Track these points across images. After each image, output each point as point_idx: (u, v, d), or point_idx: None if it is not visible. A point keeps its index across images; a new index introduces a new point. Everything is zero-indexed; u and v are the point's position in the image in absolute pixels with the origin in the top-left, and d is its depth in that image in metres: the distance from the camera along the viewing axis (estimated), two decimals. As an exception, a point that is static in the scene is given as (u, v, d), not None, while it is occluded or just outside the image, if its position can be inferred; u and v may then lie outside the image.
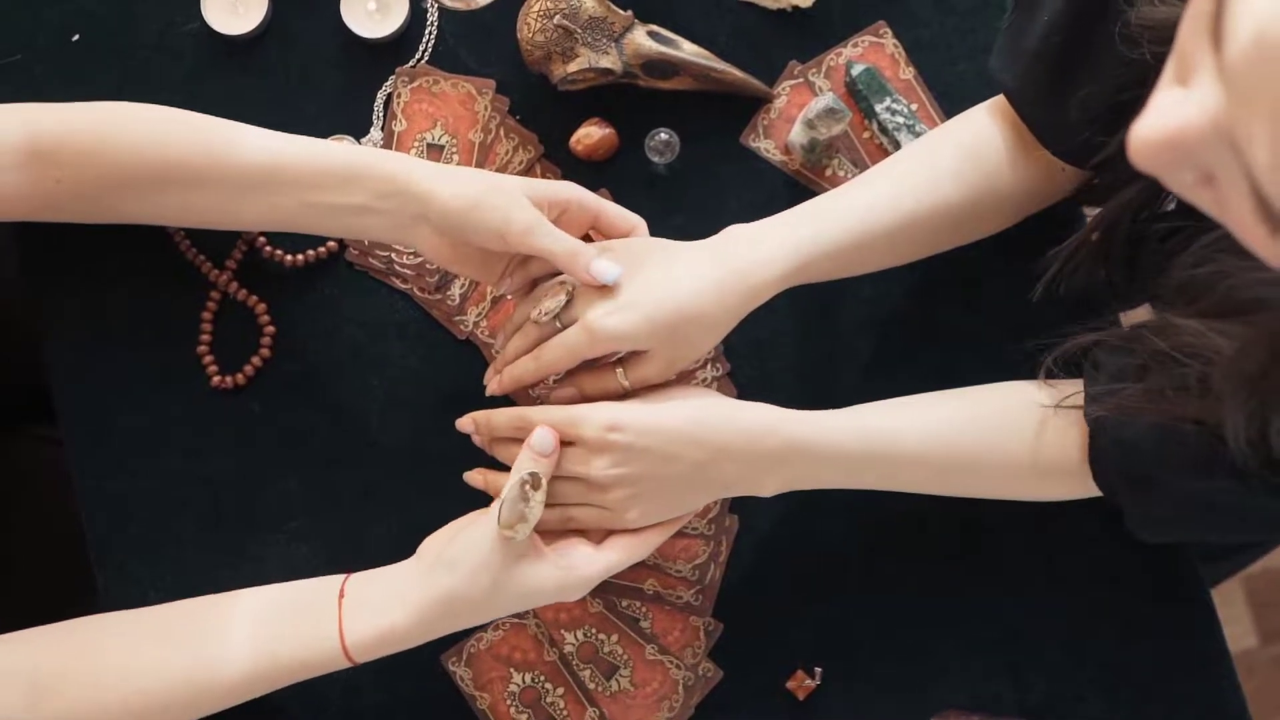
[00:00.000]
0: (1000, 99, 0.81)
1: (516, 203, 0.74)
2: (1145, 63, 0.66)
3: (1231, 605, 1.57)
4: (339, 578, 0.75)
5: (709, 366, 0.88)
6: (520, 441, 0.75)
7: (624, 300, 0.74)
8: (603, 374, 0.77)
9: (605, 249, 0.77)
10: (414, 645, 0.73)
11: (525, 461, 0.73)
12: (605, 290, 0.75)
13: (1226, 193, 0.42)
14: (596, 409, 0.74)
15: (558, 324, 0.76)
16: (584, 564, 0.74)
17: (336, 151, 0.75)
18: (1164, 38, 0.45)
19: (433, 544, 0.75)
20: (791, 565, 0.87)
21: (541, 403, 0.82)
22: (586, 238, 0.80)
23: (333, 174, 0.74)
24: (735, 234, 0.78)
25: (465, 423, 0.79)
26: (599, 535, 0.76)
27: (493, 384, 0.80)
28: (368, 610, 0.73)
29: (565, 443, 0.74)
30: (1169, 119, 0.41)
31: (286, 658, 0.73)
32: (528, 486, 0.71)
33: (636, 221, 0.78)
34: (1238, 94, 0.39)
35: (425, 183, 0.74)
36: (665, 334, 0.74)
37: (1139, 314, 1.08)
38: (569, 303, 0.75)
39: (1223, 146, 0.40)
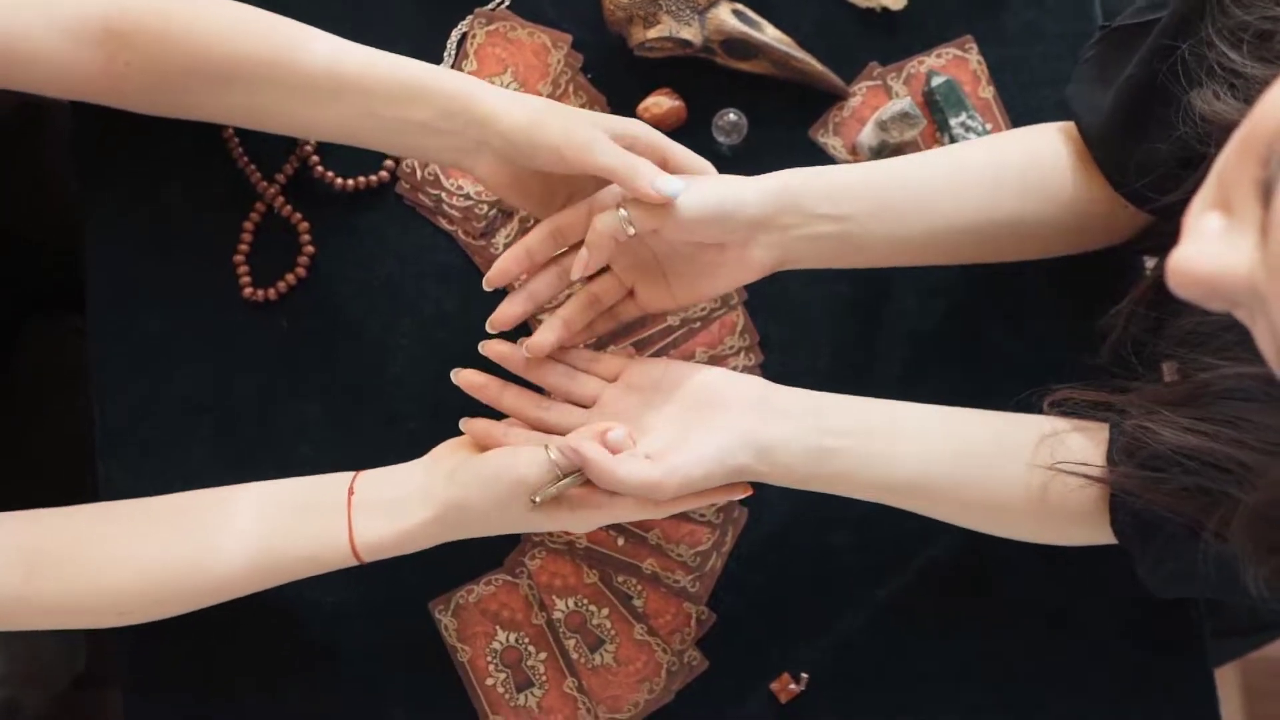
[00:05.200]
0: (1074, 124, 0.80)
1: (577, 121, 0.72)
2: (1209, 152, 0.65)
3: (1222, 686, 1.54)
4: (348, 475, 0.75)
5: (742, 355, 0.86)
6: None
7: None
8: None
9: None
10: (422, 549, 0.75)
11: (581, 453, 0.70)
12: None
13: (1255, 325, 0.42)
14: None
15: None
16: (592, 517, 0.73)
17: (405, 65, 0.74)
18: (1222, 140, 0.44)
19: (449, 456, 0.75)
20: (795, 569, 0.85)
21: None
22: None
23: (398, 87, 0.73)
24: None
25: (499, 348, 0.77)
26: None
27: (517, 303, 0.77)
28: (378, 512, 0.73)
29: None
30: (1207, 261, 0.41)
31: (292, 552, 0.74)
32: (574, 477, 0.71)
33: (705, 164, 0.75)
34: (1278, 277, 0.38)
35: (486, 104, 0.72)
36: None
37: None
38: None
39: (1256, 297, 0.40)
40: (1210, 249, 0.41)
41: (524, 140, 0.71)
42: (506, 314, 0.76)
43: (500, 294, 0.77)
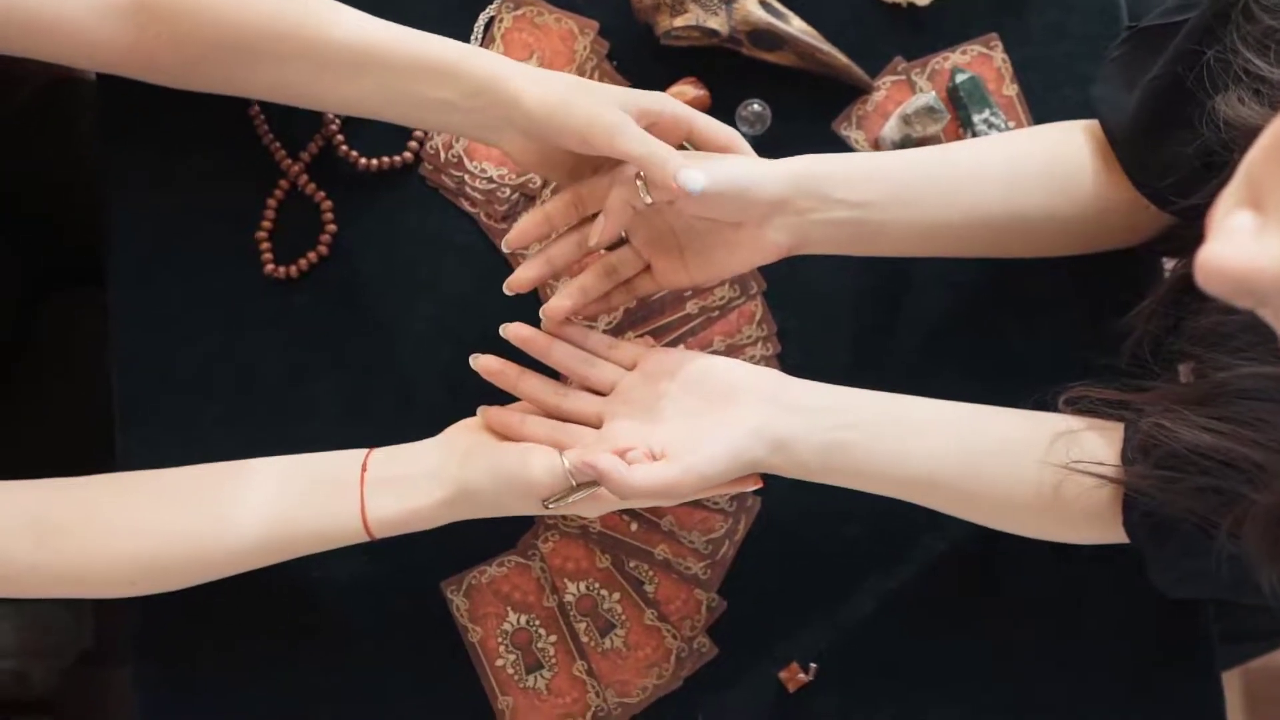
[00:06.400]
0: (1098, 123, 0.80)
1: (603, 105, 0.71)
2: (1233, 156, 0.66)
3: (1226, 694, 1.54)
4: (361, 452, 0.76)
5: (759, 345, 0.87)
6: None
7: None
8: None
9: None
10: (433, 527, 0.76)
11: (596, 468, 0.70)
12: None
13: None
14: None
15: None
16: (604, 504, 0.74)
17: (431, 43, 0.74)
18: (1247, 145, 0.44)
19: (462, 437, 0.76)
20: (806, 560, 0.86)
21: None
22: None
23: (423, 65, 0.73)
24: None
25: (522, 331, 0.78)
26: None
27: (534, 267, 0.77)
28: (391, 489, 0.74)
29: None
30: (1238, 258, 0.41)
31: (304, 527, 0.74)
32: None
33: (733, 135, 0.75)
34: None
35: (511, 84, 0.72)
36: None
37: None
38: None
39: None
40: (1241, 246, 0.41)
41: (548, 121, 0.71)
42: (523, 277, 0.76)
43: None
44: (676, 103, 0.74)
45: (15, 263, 1.05)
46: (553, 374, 0.79)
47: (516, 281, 0.76)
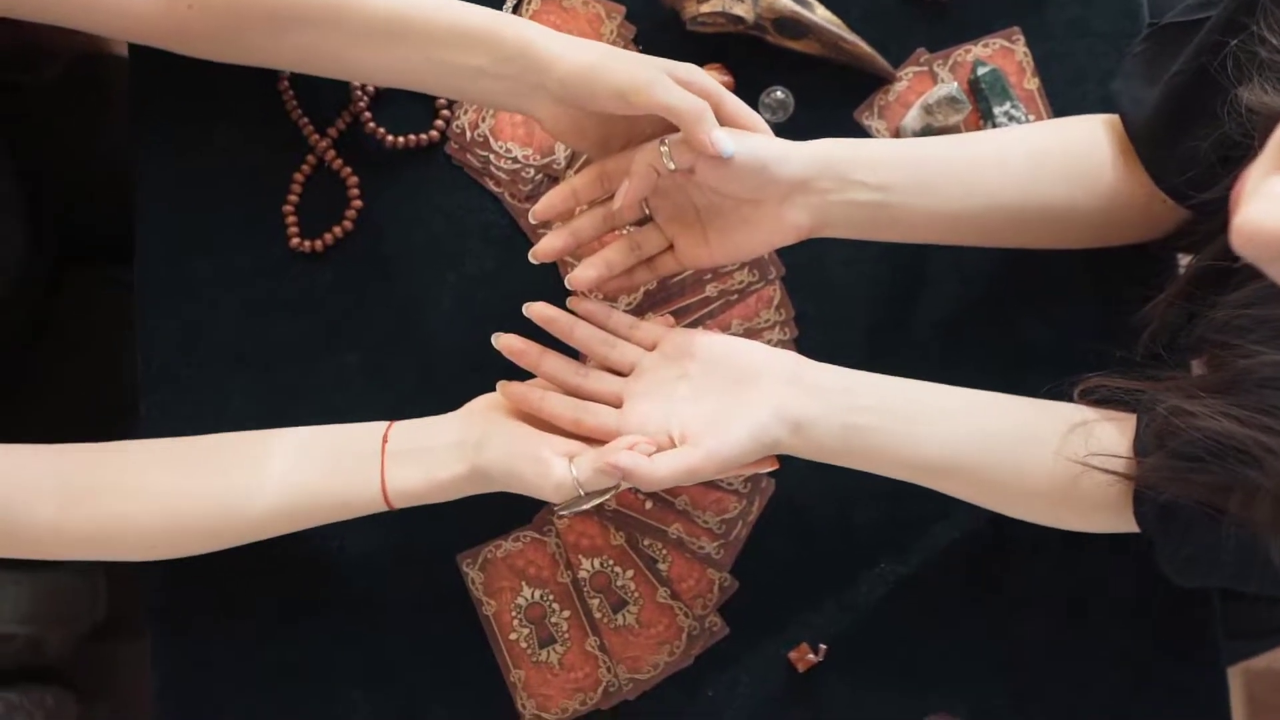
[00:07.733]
0: (1118, 118, 0.81)
1: (639, 61, 0.72)
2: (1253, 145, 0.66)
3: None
4: (382, 424, 0.77)
5: (777, 329, 0.88)
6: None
7: None
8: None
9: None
10: (451, 500, 0.77)
11: (620, 467, 0.71)
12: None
13: None
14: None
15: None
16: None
17: (464, 10, 0.74)
18: (1268, 131, 0.45)
19: (483, 413, 0.77)
20: (818, 542, 0.86)
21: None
22: None
23: (457, 31, 0.73)
24: None
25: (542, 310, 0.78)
26: None
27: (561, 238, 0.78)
28: (411, 461, 0.75)
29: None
30: (1278, 219, 0.41)
31: (324, 496, 0.75)
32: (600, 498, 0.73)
33: (757, 119, 0.76)
34: None
35: (545, 49, 0.73)
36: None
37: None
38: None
39: None
40: (1277, 205, 0.42)
41: (583, 84, 0.72)
42: (548, 247, 0.77)
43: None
44: (707, 77, 0.74)
45: (41, 237, 1.06)
46: (573, 353, 0.80)
47: (541, 251, 0.77)
